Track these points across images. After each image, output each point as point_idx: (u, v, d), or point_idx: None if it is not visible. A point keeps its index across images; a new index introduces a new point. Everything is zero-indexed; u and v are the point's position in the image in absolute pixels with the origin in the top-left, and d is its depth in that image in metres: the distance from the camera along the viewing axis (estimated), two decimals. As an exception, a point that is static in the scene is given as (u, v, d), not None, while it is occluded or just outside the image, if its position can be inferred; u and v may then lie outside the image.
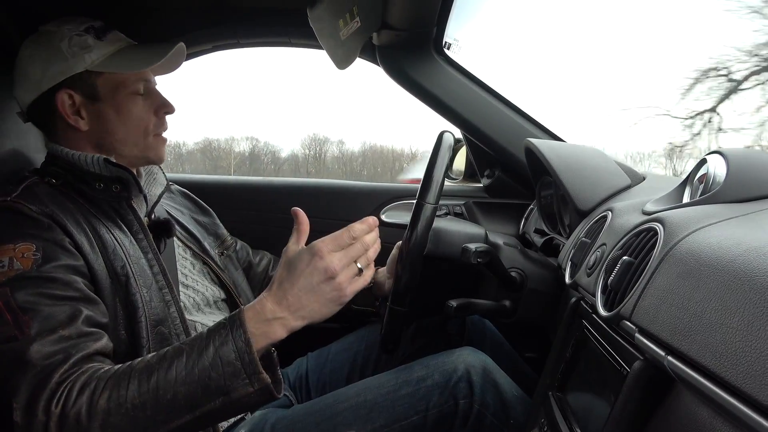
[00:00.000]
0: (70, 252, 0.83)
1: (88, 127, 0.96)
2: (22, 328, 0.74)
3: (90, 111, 0.96)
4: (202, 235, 1.17)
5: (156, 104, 1.01)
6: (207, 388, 0.73)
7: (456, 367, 0.97)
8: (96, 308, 0.82)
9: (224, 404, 0.73)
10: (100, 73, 0.95)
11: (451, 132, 1.01)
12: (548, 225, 1.36)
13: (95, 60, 0.94)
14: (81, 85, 0.95)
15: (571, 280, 0.92)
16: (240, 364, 0.74)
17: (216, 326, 0.78)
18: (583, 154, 1.20)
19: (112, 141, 0.97)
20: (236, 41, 1.52)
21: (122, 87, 0.96)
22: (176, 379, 0.72)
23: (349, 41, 1.25)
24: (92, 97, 0.95)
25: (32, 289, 0.76)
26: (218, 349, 0.74)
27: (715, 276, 0.48)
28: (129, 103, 0.97)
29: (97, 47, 0.95)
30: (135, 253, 0.92)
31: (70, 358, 0.74)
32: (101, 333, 0.81)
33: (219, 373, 0.73)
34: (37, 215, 0.83)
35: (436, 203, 0.95)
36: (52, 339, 0.74)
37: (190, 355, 0.74)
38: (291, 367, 1.27)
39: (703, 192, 0.75)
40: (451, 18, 1.37)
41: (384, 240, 1.57)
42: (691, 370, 0.46)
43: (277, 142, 10.92)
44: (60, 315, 0.76)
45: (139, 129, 0.98)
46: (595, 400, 0.67)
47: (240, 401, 0.74)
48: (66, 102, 0.94)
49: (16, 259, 0.78)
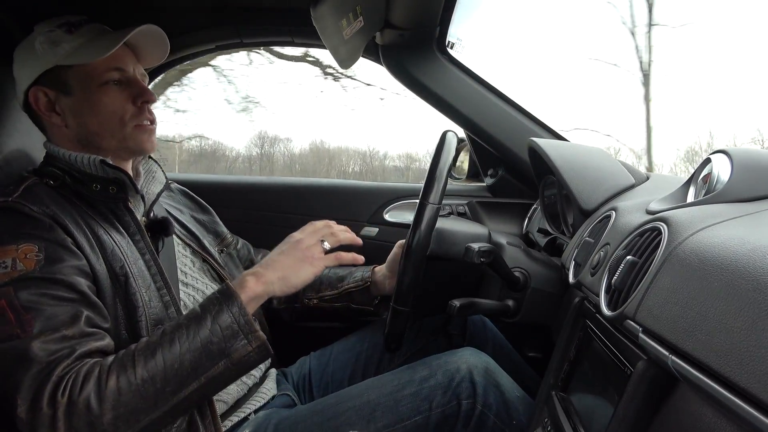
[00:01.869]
0: (72, 252, 0.83)
1: (64, 123, 0.96)
2: (25, 327, 0.74)
3: (64, 106, 0.95)
4: (201, 233, 1.17)
5: (133, 94, 0.98)
6: (210, 353, 0.80)
7: (458, 368, 0.97)
8: (97, 311, 0.82)
9: (227, 366, 0.81)
10: (70, 67, 0.94)
11: (455, 131, 1.01)
12: (552, 225, 1.35)
13: (63, 54, 0.94)
14: (52, 81, 0.95)
15: (574, 280, 0.92)
16: (237, 326, 0.83)
17: (208, 299, 0.87)
18: (586, 153, 1.20)
19: (88, 134, 0.96)
20: (239, 41, 1.53)
21: (92, 78, 0.95)
22: (180, 349, 0.79)
23: (352, 40, 1.25)
24: (64, 92, 0.95)
25: (35, 289, 0.77)
26: (215, 318, 0.82)
27: (719, 276, 0.48)
28: (100, 94, 0.95)
29: (65, 41, 0.94)
30: (133, 254, 0.92)
31: (74, 353, 0.75)
32: (103, 333, 0.82)
33: (219, 338, 0.81)
34: (39, 215, 0.83)
35: (439, 203, 0.95)
36: (55, 338, 0.75)
37: (189, 327, 0.82)
38: (294, 367, 1.27)
39: (708, 191, 0.75)
40: (455, 17, 1.37)
41: (386, 239, 1.59)
42: (695, 370, 0.46)
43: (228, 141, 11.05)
44: (62, 315, 0.77)
45: (114, 119, 0.96)
46: (598, 400, 0.67)
47: (241, 362, 0.83)
48: (41, 99, 0.95)
49: (19, 260, 0.78)
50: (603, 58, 9.29)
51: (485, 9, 2.12)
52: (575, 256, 0.95)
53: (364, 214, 1.65)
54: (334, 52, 1.29)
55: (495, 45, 8.99)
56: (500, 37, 10.08)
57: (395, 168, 10.79)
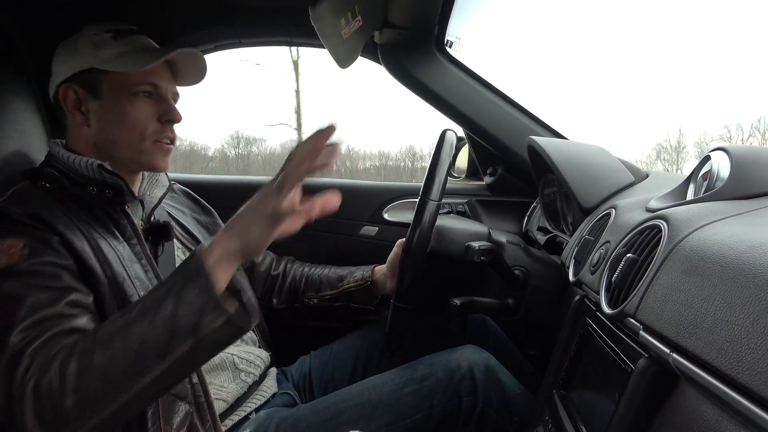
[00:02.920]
0: (57, 251, 0.82)
1: (87, 125, 0.96)
2: (7, 316, 0.75)
3: (91, 108, 0.96)
4: (203, 236, 1.16)
5: (160, 110, 0.98)
6: (174, 330, 0.71)
7: (459, 365, 0.97)
8: (83, 296, 0.82)
9: (194, 346, 0.72)
10: (106, 72, 0.95)
11: (454, 130, 1.01)
12: (551, 223, 1.36)
13: (103, 58, 0.95)
14: (86, 82, 0.95)
15: (574, 278, 0.92)
16: (202, 299, 0.72)
17: (174, 271, 0.78)
18: (586, 151, 1.20)
19: (106, 141, 0.96)
20: (237, 41, 1.52)
21: (125, 87, 0.96)
22: (143, 328, 0.72)
23: (350, 40, 1.25)
24: (95, 95, 0.96)
25: (18, 280, 0.77)
26: (180, 291, 0.73)
27: (719, 273, 0.48)
28: (128, 104, 0.96)
29: (108, 46, 0.95)
30: (129, 258, 0.92)
31: (44, 334, 0.74)
32: (84, 312, 0.80)
33: (185, 312, 0.72)
34: (23, 217, 0.83)
35: (440, 200, 0.95)
36: (32, 320, 0.75)
37: (153, 304, 0.74)
38: (294, 366, 1.27)
39: (707, 189, 0.75)
40: (453, 16, 1.36)
41: (386, 239, 1.59)
42: (696, 368, 0.46)
43: (203, 141, 11.04)
44: (44, 300, 0.77)
45: (135, 132, 0.96)
46: (599, 398, 0.67)
47: (210, 338, 0.73)
48: (70, 96, 0.95)
49: (2, 254, 0.79)
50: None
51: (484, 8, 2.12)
52: (575, 254, 0.96)
53: (363, 213, 1.65)
54: (333, 51, 1.29)
55: (494, 43, 9.02)
56: (499, 36, 10.10)
57: (372, 167, 10.87)
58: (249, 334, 1.13)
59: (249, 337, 1.13)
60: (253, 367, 1.09)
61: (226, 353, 1.04)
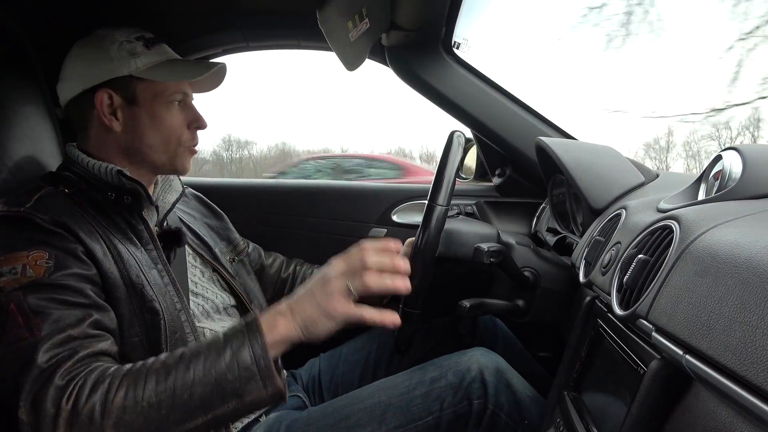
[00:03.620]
0: (81, 260, 0.84)
1: (120, 129, 0.98)
2: (33, 330, 0.75)
3: (126, 113, 0.98)
4: (213, 241, 1.17)
5: (189, 118, 1.03)
6: (222, 390, 0.74)
7: (469, 368, 0.97)
8: (105, 314, 0.83)
9: (236, 407, 0.76)
10: (142, 80, 0.97)
11: (462, 132, 1.01)
12: (561, 223, 1.35)
13: (140, 66, 0.97)
14: (122, 88, 0.97)
15: (585, 279, 0.91)
16: (256, 368, 0.76)
17: (233, 330, 0.80)
18: (595, 151, 1.19)
19: (142, 145, 0.99)
20: (246, 44, 1.53)
21: (161, 96, 0.99)
22: (193, 380, 0.74)
23: (358, 42, 1.25)
24: (131, 101, 0.98)
25: (44, 294, 0.78)
26: (235, 354, 0.76)
27: (733, 273, 0.48)
28: (164, 112, 0.99)
29: (144, 55, 0.98)
30: (147, 263, 0.93)
31: (75, 355, 0.75)
32: (107, 335, 0.82)
33: (235, 377, 0.75)
34: (49, 225, 0.84)
35: (447, 205, 0.95)
36: (60, 339, 0.75)
37: (207, 358, 0.76)
38: (304, 369, 1.27)
39: (719, 189, 0.74)
40: (460, 17, 1.36)
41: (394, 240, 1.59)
42: (710, 369, 0.45)
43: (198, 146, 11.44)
44: (69, 318, 0.78)
45: (171, 138, 1.00)
46: (611, 400, 0.67)
47: (252, 404, 0.77)
48: (105, 101, 0.97)
49: (29, 266, 0.79)
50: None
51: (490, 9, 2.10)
52: (585, 255, 0.95)
53: (372, 215, 1.65)
54: (341, 54, 1.30)
55: (501, 44, 9.01)
56: (506, 37, 10.08)
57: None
58: None
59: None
60: (263, 369, 1.09)
61: None
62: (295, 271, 1.35)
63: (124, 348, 0.85)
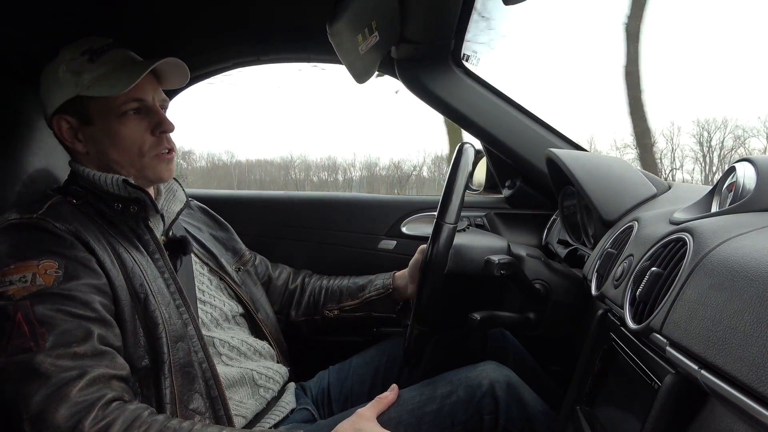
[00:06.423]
0: (92, 270, 0.84)
1: (86, 150, 0.97)
2: (38, 340, 0.76)
3: (86, 134, 0.97)
4: (219, 252, 1.18)
5: (152, 123, 0.99)
6: None
7: (480, 383, 0.96)
8: (110, 330, 0.83)
9: None
10: (92, 97, 0.95)
11: (471, 143, 1.00)
12: (572, 235, 1.34)
13: (85, 83, 0.94)
14: (75, 110, 0.96)
15: (597, 292, 0.90)
16: None
17: None
18: (606, 163, 1.19)
19: (109, 161, 0.97)
20: (256, 58, 1.55)
21: (111, 109, 0.95)
22: None
23: (367, 55, 1.25)
24: (86, 121, 0.96)
25: (51, 304, 0.78)
26: None
27: (749, 287, 0.47)
28: (119, 125, 0.96)
29: (87, 70, 0.95)
30: (152, 273, 0.93)
31: (86, 375, 0.76)
32: (114, 353, 0.82)
33: None
34: (62, 233, 0.85)
35: (456, 223, 0.94)
36: (66, 353, 0.76)
37: None
38: (313, 381, 1.27)
39: (733, 201, 0.73)
40: (469, 30, 1.37)
41: (404, 252, 1.59)
42: (726, 385, 0.45)
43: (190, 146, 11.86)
44: (75, 331, 0.78)
45: (133, 149, 0.97)
46: (625, 415, 0.65)
47: None
48: (64, 126, 0.97)
49: (38, 275, 0.80)
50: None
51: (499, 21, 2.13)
52: (597, 268, 0.94)
53: (381, 227, 1.65)
54: (351, 67, 1.30)
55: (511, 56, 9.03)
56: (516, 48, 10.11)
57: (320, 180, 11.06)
58: (267, 349, 1.13)
59: (267, 352, 1.13)
60: (272, 382, 1.09)
61: (246, 368, 1.04)
62: (303, 282, 1.35)
63: (128, 356, 0.86)
